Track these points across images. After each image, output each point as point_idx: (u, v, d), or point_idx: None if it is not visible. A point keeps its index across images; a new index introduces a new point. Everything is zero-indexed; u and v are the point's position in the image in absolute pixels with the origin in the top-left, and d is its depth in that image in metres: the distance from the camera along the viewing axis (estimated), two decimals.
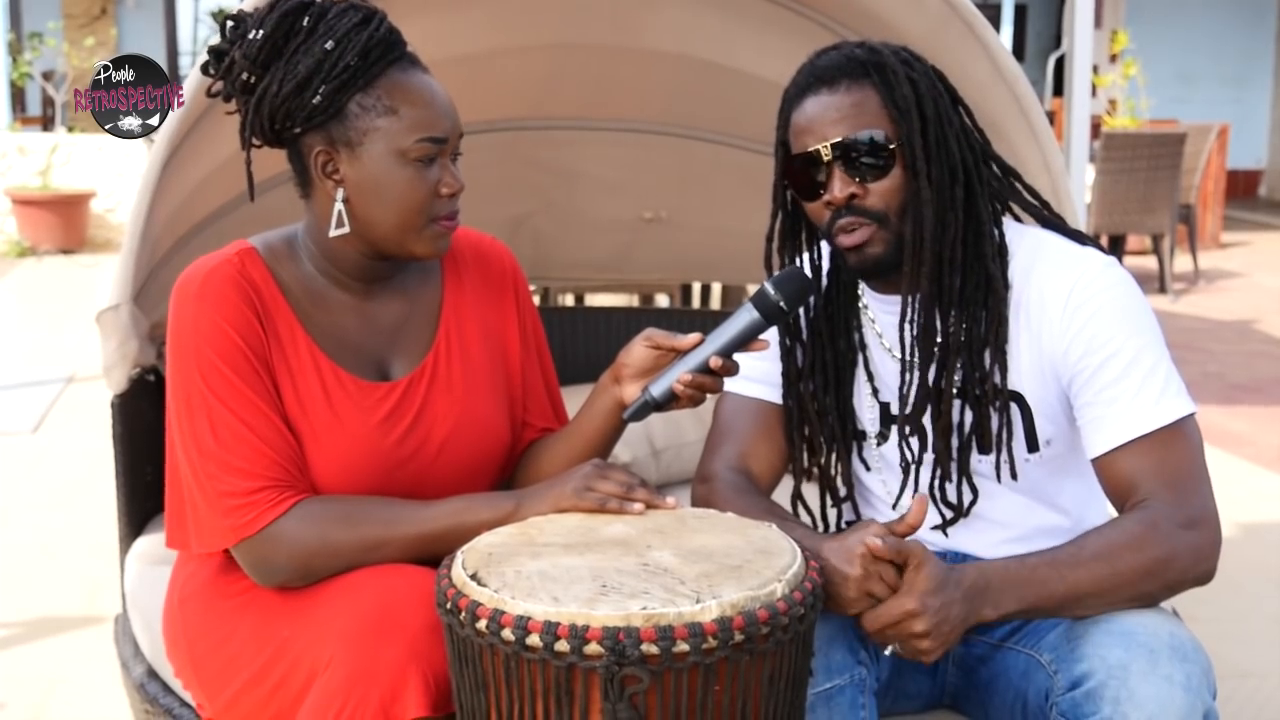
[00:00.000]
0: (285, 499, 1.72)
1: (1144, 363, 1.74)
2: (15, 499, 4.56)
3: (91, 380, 5.80)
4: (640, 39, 3.02)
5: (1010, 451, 1.83)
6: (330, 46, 1.72)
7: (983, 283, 1.80)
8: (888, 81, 1.76)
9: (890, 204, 1.77)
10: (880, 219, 1.78)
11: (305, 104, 1.73)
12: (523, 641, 1.41)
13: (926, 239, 1.77)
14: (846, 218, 1.78)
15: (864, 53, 1.79)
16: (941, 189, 1.78)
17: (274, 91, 1.73)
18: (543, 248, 3.55)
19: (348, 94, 1.74)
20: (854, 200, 1.77)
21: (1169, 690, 1.57)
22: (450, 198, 1.79)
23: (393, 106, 1.75)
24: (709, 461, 1.94)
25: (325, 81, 1.72)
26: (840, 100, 1.77)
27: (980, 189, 1.82)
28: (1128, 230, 8.55)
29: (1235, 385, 6.32)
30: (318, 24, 1.73)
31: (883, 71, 1.77)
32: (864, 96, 1.77)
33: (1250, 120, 14.94)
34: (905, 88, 1.76)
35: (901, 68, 1.78)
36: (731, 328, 1.78)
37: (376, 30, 1.74)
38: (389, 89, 1.75)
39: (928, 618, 1.58)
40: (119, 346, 2.46)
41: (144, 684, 2.24)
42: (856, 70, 1.77)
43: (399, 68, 1.76)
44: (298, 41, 1.73)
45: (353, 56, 1.72)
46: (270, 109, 1.75)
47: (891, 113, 1.76)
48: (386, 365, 1.87)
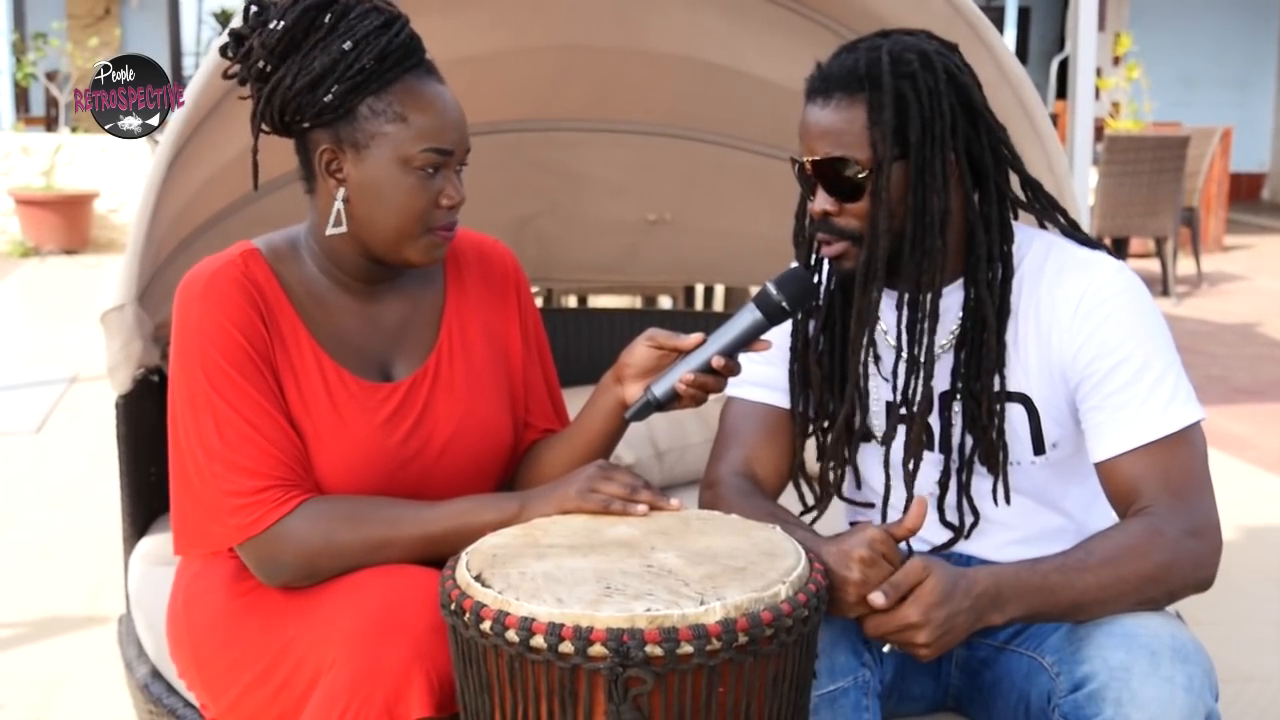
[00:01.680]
0: (291, 498, 1.72)
1: (1154, 369, 1.75)
2: (18, 499, 4.55)
3: (95, 380, 5.80)
4: (645, 41, 3.02)
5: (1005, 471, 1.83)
6: (348, 47, 1.72)
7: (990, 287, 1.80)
8: (878, 102, 1.73)
9: (864, 225, 1.77)
10: (854, 238, 1.78)
11: (316, 101, 1.73)
12: (527, 643, 1.41)
13: (879, 265, 1.77)
14: (823, 232, 1.80)
15: (865, 63, 1.75)
16: (918, 213, 1.76)
17: (287, 84, 1.74)
18: (547, 249, 3.55)
19: (359, 96, 1.74)
20: (829, 217, 1.78)
21: (1171, 692, 1.57)
22: (450, 209, 1.79)
23: (403, 113, 1.74)
24: (714, 467, 1.94)
25: (339, 81, 1.72)
26: (830, 116, 1.76)
27: (994, 195, 1.81)
28: (1131, 233, 8.55)
29: (1238, 388, 6.32)
30: (339, 23, 1.73)
31: (876, 89, 1.73)
32: (852, 116, 1.75)
33: (1253, 123, 14.94)
34: (890, 111, 1.72)
35: (897, 83, 1.73)
36: (734, 328, 1.79)
37: (396, 36, 1.74)
38: (401, 96, 1.75)
39: (930, 630, 1.59)
40: (123, 347, 2.46)
41: (148, 684, 2.24)
42: (852, 84, 1.75)
43: (414, 75, 1.76)
44: (317, 37, 1.73)
45: (369, 59, 1.72)
46: (282, 101, 1.75)
47: (873, 136, 1.74)
48: (389, 366, 1.87)
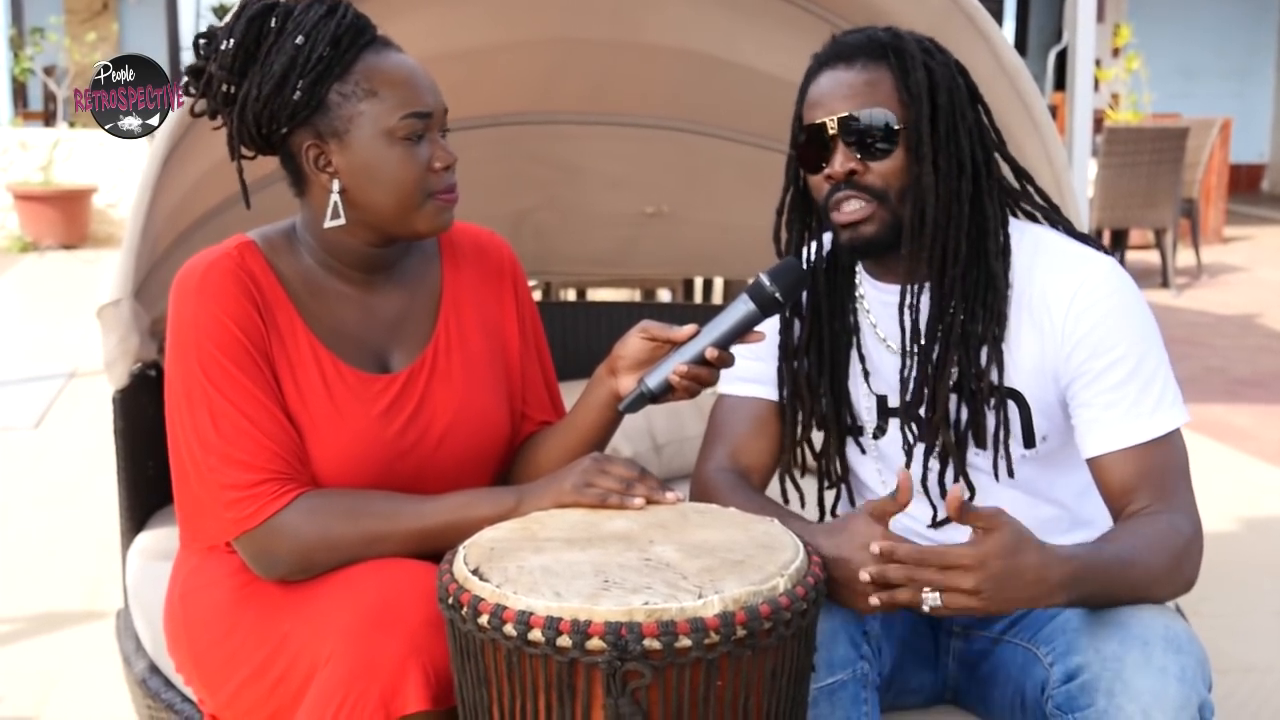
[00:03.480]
0: (287, 492, 1.72)
1: (1145, 370, 1.76)
2: (17, 495, 4.56)
3: (93, 376, 5.80)
4: (642, 33, 3.02)
5: (1007, 449, 1.83)
6: (301, 41, 1.73)
7: (983, 279, 1.80)
8: (904, 66, 1.77)
9: (891, 184, 1.77)
10: (880, 196, 1.78)
11: (287, 101, 1.74)
12: (525, 637, 1.41)
13: (928, 225, 1.77)
14: (844, 191, 1.78)
15: (886, 36, 1.81)
16: (947, 178, 1.78)
17: (254, 95, 1.75)
18: (545, 242, 3.54)
19: (326, 84, 1.75)
20: (854, 176, 1.78)
21: (1163, 682, 1.57)
22: (445, 171, 1.80)
23: (373, 89, 1.75)
24: (700, 465, 1.94)
25: (302, 76, 1.73)
26: (854, 77, 1.78)
27: (988, 186, 1.82)
28: (1130, 225, 8.55)
29: (1238, 380, 6.31)
30: (285, 22, 1.75)
31: (901, 55, 1.78)
32: (878, 77, 1.78)
33: (1253, 115, 14.92)
34: (920, 74, 1.77)
35: (921, 55, 1.78)
36: (727, 319, 1.78)
37: (344, 18, 1.76)
38: (366, 73, 1.76)
39: (977, 575, 1.50)
40: (120, 342, 2.46)
41: (146, 679, 2.24)
42: (876, 51, 1.79)
43: (372, 50, 1.78)
44: (269, 43, 1.75)
45: (324, 47, 1.74)
46: (254, 113, 1.76)
47: (903, 96, 1.77)
48: (386, 357, 1.87)
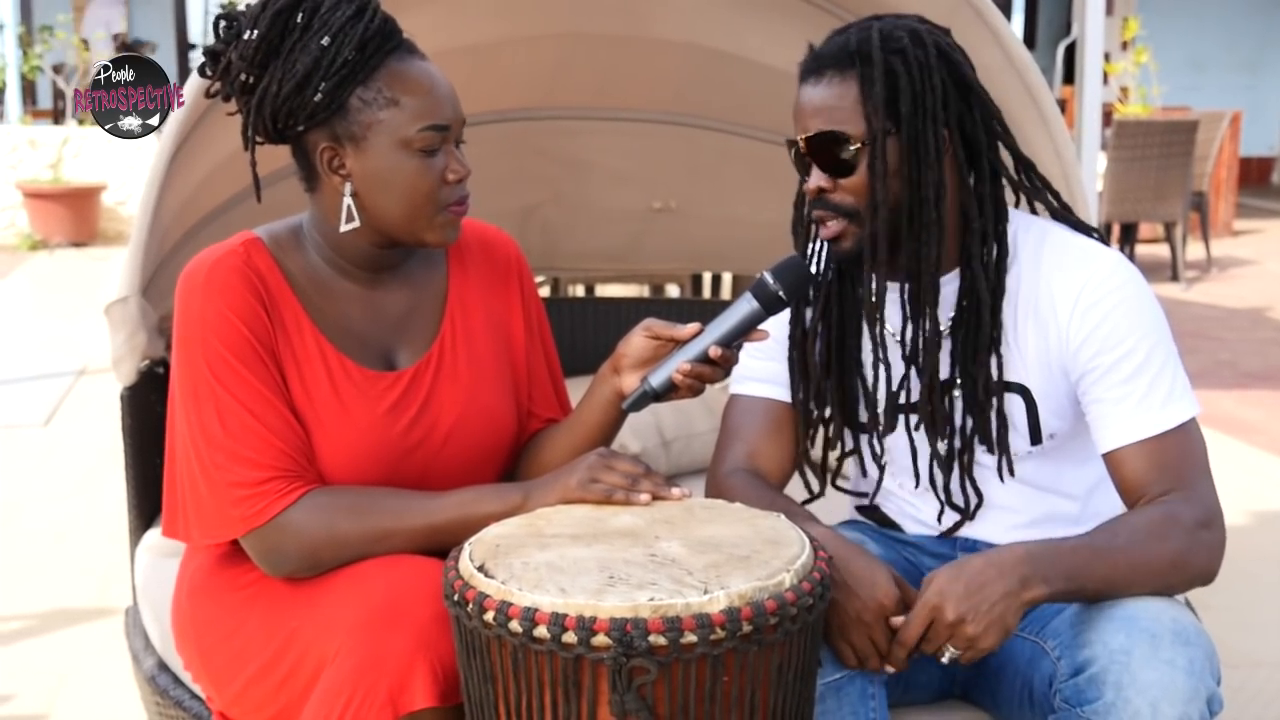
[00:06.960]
0: (294, 489, 1.72)
1: (1154, 364, 1.75)
2: (27, 491, 4.57)
3: (103, 373, 5.78)
4: (649, 28, 3.02)
5: (1007, 449, 1.83)
6: (327, 42, 1.71)
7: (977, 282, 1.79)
8: (869, 76, 1.74)
9: (861, 201, 1.77)
10: (850, 214, 1.78)
11: (307, 102, 1.73)
12: (530, 633, 1.41)
13: (880, 241, 1.76)
14: (819, 210, 1.79)
15: (855, 40, 1.77)
16: (920, 187, 1.76)
17: (274, 92, 1.73)
18: (552, 238, 3.54)
19: (348, 89, 1.73)
20: (824, 194, 1.78)
21: (1171, 675, 1.57)
22: (458, 183, 1.79)
23: (394, 98, 1.74)
24: (716, 465, 1.94)
25: (325, 78, 1.72)
26: (822, 93, 1.77)
27: (983, 183, 1.80)
28: (1140, 218, 8.53)
29: (1247, 373, 6.29)
30: (312, 19, 1.72)
31: (867, 64, 1.74)
32: (843, 90, 1.75)
33: (1263, 107, 14.86)
34: (880, 87, 1.73)
35: (887, 59, 1.74)
36: (731, 317, 1.78)
37: (371, 21, 1.74)
38: (389, 80, 1.74)
39: (953, 604, 1.57)
40: (128, 339, 2.46)
41: (155, 676, 2.24)
42: (843, 61, 1.76)
43: (397, 58, 1.76)
44: (293, 39, 1.72)
45: (350, 51, 1.72)
46: (271, 108, 1.74)
47: (866, 110, 1.75)
48: (392, 354, 1.87)
